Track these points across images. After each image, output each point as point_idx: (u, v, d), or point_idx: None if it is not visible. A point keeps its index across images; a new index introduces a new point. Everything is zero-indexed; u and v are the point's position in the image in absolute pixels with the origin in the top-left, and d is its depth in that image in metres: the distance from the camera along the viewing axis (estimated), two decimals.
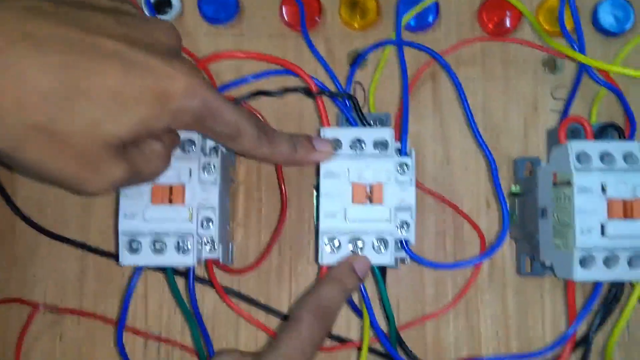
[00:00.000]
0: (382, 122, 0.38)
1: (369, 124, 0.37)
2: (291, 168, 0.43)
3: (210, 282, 0.40)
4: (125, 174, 0.28)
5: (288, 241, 0.42)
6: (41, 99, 0.24)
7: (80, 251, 0.42)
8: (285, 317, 0.41)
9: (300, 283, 0.42)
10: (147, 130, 0.27)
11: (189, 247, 0.33)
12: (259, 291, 0.42)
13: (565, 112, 0.39)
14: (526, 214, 0.41)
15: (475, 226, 0.42)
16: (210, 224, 0.34)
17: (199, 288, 0.41)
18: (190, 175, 0.33)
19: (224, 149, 0.35)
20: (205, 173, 0.34)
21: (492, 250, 0.35)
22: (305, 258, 0.42)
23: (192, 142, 0.34)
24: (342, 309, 0.41)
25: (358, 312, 0.38)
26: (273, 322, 0.41)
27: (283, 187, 0.40)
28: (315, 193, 0.41)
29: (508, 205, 0.41)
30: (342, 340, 0.40)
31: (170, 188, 0.33)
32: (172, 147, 0.32)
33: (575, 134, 0.38)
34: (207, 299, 0.42)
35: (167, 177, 0.33)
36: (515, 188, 0.42)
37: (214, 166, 0.34)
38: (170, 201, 0.33)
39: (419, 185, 0.42)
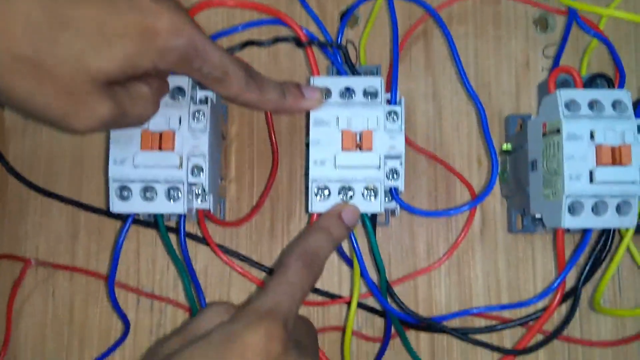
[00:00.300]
0: (372, 74, 0.38)
1: (359, 74, 0.37)
2: (283, 125, 0.43)
3: (202, 239, 0.40)
4: (112, 112, 0.28)
5: (280, 200, 0.43)
6: (26, 30, 0.24)
7: (72, 208, 0.42)
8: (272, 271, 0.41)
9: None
10: (133, 68, 0.27)
11: (180, 194, 0.33)
12: (252, 249, 0.42)
13: (555, 63, 0.39)
14: (517, 170, 0.41)
15: (467, 184, 0.42)
16: (200, 172, 0.34)
17: (191, 245, 0.41)
18: (180, 122, 0.33)
19: (214, 99, 0.35)
20: (195, 121, 0.34)
21: (482, 197, 0.35)
22: (297, 216, 0.42)
23: (181, 90, 0.34)
24: (334, 264, 0.42)
25: (348, 262, 0.38)
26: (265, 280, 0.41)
27: (274, 141, 0.40)
28: (306, 150, 0.42)
29: (499, 163, 0.42)
30: (332, 296, 0.41)
31: (160, 134, 0.33)
32: (159, 92, 0.32)
33: (565, 86, 0.38)
34: (199, 256, 0.42)
35: (157, 124, 0.33)
36: (506, 146, 0.42)
37: (204, 114, 0.34)
38: (160, 147, 0.33)
39: (410, 144, 0.43)
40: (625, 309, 0.34)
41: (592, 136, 0.33)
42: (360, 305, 0.40)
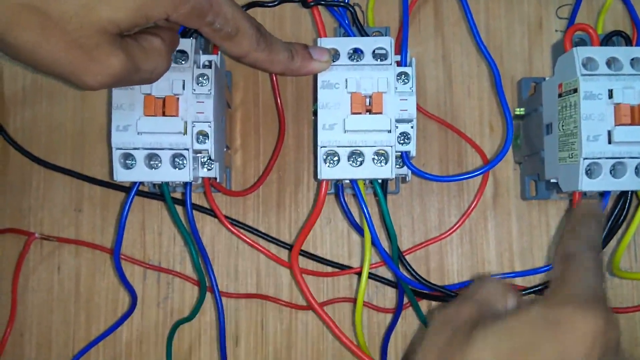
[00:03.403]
0: (381, 35, 0.37)
1: (368, 35, 0.35)
2: (289, 91, 0.42)
3: (209, 210, 0.39)
4: (124, 65, 0.26)
5: (287, 169, 0.42)
6: None
7: (75, 180, 0.41)
8: (289, 246, 0.40)
9: (300, 212, 0.41)
10: (145, 18, 0.26)
11: (185, 162, 0.32)
12: (259, 220, 0.41)
13: (571, 22, 0.38)
14: (531, 135, 0.39)
15: (478, 149, 0.41)
16: (206, 138, 0.33)
17: (197, 216, 0.40)
18: (184, 87, 0.32)
19: (218, 63, 0.34)
20: (199, 85, 0.33)
21: (495, 162, 0.34)
22: (305, 186, 0.41)
23: (184, 54, 0.33)
24: (344, 234, 0.41)
25: (359, 230, 0.37)
26: (274, 252, 0.40)
27: (281, 108, 0.39)
28: (314, 117, 0.40)
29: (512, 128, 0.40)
30: (342, 267, 0.40)
31: (164, 99, 0.32)
32: (172, 46, 0.30)
33: (581, 46, 0.37)
34: (206, 227, 0.41)
35: (160, 89, 0.32)
36: (519, 110, 0.41)
37: (208, 79, 0.33)
38: (164, 113, 0.32)
39: (420, 109, 0.41)
40: None
41: (610, 95, 0.32)
42: (371, 276, 0.39)
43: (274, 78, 0.39)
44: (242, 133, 0.42)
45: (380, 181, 0.34)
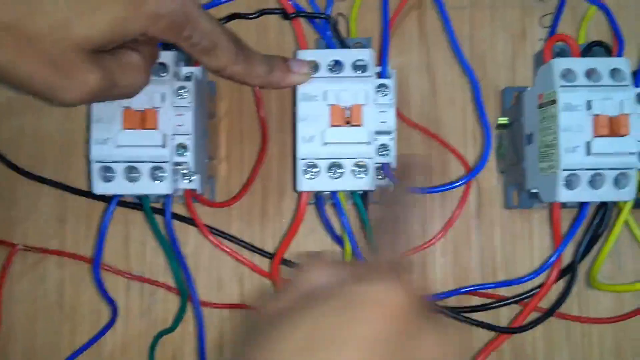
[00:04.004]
0: (363, 47, 0.37)
1: (348, 47, 0.35)
2: (273, 101, 0.42)
3: (192, 220, 0.39)
4: (100, 82, 0.26)
5: (272, 179, 0.42)
6: None
7: (60, 191, 0.41)
8: (270, 255, 0.40)
9: (284, 222, 0.41)
10: (121, 34, 0.26)
11: (164, 174, 0.33)
12: (244, 230, 0.41)
13: (552, 32, 0.38)
14: (514, 144, 0.40)
15: (462, 159, 0.41)
16: (186, 151, 0.33)
17: (182, 227, 0.40)
18: (163, 100, 0.32)
19: (198, 75, 0.34)
20: (179, 98, 0.33)
21: (475, 171, 0.34)
22: (289, 196, 0.42)
23: (164, 67, 0.33)
24: (327, 245, 0.41)
25: (339, 242, 0.37)
26: (257, 262, 0.40)
27: (263, 119, 0.40)
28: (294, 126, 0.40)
29: (496, 137, 0.41)
30: None
31: (143, 112, 0.32)
32: (151, 60, 0.30)
33: (562, 55, 0.37)
34: (190, 238, 0.41)
35: (139, 102, 0.32)
36: (502, 120, 0.41)
37: (188, 91, 0.33)
38: (143, 126, 0.32)
39: (404, 119, 0.41)
40: (622, 284, 0.33)
41: (589, 106, 0.32)
42: None
43: (256, 89, 0.40)
44: (227, 143, 0.42)
45: (361, 193, 0.34)
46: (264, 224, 0.41)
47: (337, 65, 0.33)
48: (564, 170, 0.32)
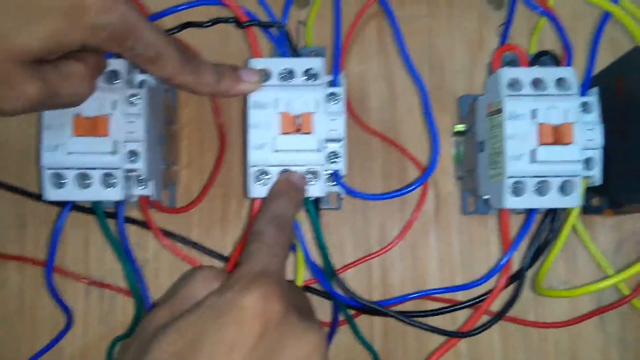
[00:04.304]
0: (318, 55, 0.38)
1: (301, 56, 0.36)
2: (233, 107, 0.42)
3: (145, 224, 0.39)
4: (40, 92, 0.27)
5: (232, 185, 0.42)
6: None
7: (19, 197, 0.41)
8: (226, 259, 0.41)
9: (245, 227, 0.42)
10: (59, 45, 0.26)
11: (116, 181, 0.33)
12: (204, 236, 0.41)
13: (503, 42, 0.38)
14: (469, 151, 0.40)
15: (420, 166, 0.42)
16: (138, 158, 0.33)
17: (141, 233, 0.41)
18: (115, 107, 0.33)
19: (152, 83, 0.35)
20: (131, 105, 0.33)
21: (427, 175, 0.34)
22: (249, 201, 0.42)
23: (116, 74, 0.33)
24: None
25: (292, 247, 0.37)
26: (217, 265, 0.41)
27: (221, 125, 0.40)
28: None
29: (454, 144, 0.41)
30: None
31: (93, 119, 0.32)
32: (96, 71, 0.31)
33: (514, 64, 0.38)
34: (150, 243, 0.41)
35: (91, 109, 0.32)
36: (459, 127, 0.42)
37: (140, 98, 0.33)
38: (94, 133, 0.32)
39: (363, 126, 0.42)
40: (565, 290, 0.34)
41: (534, 115, 0.33)
42: (311, 290, 0.40)
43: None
44: (188, 150, 0.42)
45: (312, 199, 0.34)
46: (225, 229, 0.42)
47: (288, 73, 0.34)
48: (510, 177, 0.33)
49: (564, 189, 0.33)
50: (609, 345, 0.40)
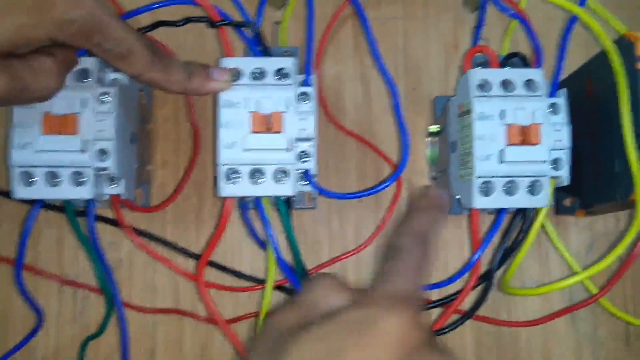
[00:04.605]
0: (290, 55, 0.38)
1: (273, 56, 0.36)
2: (209, 106, 0.42)
3: (115, 222, 0.39)
4: (6, 86, 0.27)
5: (207, 184, 0.42)
6: None
7: None
8: (197, 257, 0.41)
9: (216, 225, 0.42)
10: (26, 39, 0.26)
11: (85, 180, 0.33)
12: (179, 235, 0.41)
13: (474, 43, 0.39)
14: (442, 152, 0.40)
15: (394, 166, 0.42)
16: (107, 156, 0.33)
17: (114, 232, 0.41)
18: (85, 105, 0.33)
19: (124, 81, 0.35)
20: (101, 104, 0.33)
21: (396, 174, 0.34)
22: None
23: (87, 72, 0.33)
24: (251, 250, 0.41)
25: (264, 246, 0.38)
26: (192, 266, 0.41)
27: (195, 124, 0.40)
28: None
29: (429, 144, 0.42)
30: (260, 281, 0.40)
31: (63, 118, 0.32)
32: (66, 66, 0.31)
33: (487, 66, 0.38)
34: (124, 242, 0.41)
35: (60, 107, 0.32)
36: (434, 128, 0.42)
37: (111, 97, 0.33)
38: (63, 131, 0.32)
39: (339, 126, 0.42)
40: (530, 288, 0.34)
41: (502, 116, 0.33)
42: (282, 289, 0.40)
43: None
44: (163, 149, 0.42)
45: (284, 199, 0.35)
46: (200, 229, 0.42)
47: (259, 73, 0.34)
48: (479, 177, 0.33)
49: (532, 189, 0.33)
50: (581, 344, 0.41)
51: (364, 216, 0.42)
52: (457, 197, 0.37)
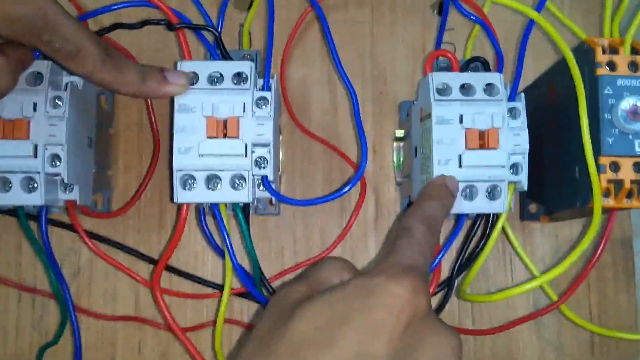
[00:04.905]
0: (251, 60, 0.37)
1: (232, 60, 0.36)
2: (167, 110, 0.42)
3: (86, 231, 0.39)
4: None
5: (168, 190, 0.41)
6: None
7: None
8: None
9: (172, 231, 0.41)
10: None
11: (37, 185, 0.32)
12: (140, 241, 0.41)
13: (438, 47, 0.38)
14: (406, 157, 0.40)
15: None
16: (59, 161, 0.32)
17: (74, 238, 0.40)
18: (36, 109, 0.32)
19: (79, 85, 0.34)
20: (53, 108, 0.32)
21: (355, 180, 0.34)
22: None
23: (39, 75, 0.33)
24: (213, 256, 0.41)
25: (220, 253, 0.37)
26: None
27: (155, 128, 0.39)
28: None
29: (394, 150, 0.41)
30: (219, 287, 0.40)
31: (12, 122, 0.32)
32: (18, 64, 0.30)
33: (450, 70, 0.37)
34: (83, 249, 0.40)
35: (11, 112, 0.32)
36: (399, 132, 0.42)
37: (63, 100, 0.32)
38: (13, 136, 0.31)
39: (305, 132, 0.42)
40: (485, 295, 0.34)
41: (461, 120, 0.33)
42: (245, 295, 0.39)
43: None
44: (125, 154, 0.42)
45: (241, 205, 0.34)
46: (162, 234, 0.41)
47: (217, 76, 0.33)
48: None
49: (491, 194, 0.33)
50: (545, 351, 0.40)
51: (329, 221, 0.42)
52: None
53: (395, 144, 0.42)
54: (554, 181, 0.36)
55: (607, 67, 0.32)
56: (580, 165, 0.32)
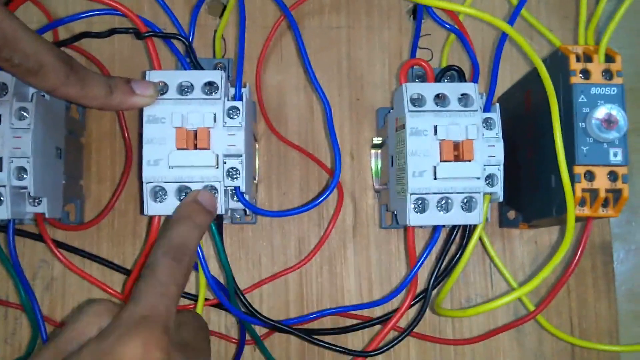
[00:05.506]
0: (223, 68, 0.37)
1: (202, 69, 0.35)
2: (137, 119, 0.41)
3: (61, 243, 0.38)
4: None
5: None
6: None
7: None
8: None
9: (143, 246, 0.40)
10: None
11: (3, 198, 0.31)
12: (114, 252, 0.40)
13: (412, 54, 0.38)
14: (384, 165, 0.40)
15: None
16: (25, 174, 0.32)
17: (46, 250, 0.39)
18: (0, 121, 0.31)
19: (47, 95, 0.33)
20: (18, 119, 0.32)
21: (330, 189, 0.33)
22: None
23: (4, 86, 0.32)
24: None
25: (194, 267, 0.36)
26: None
27: (127, 138, 0.39)
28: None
29: (372, 158, 0.41)
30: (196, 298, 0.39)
31: None
32: None
33: (425, 79, 0.37)
34: (55, 262, 0.40)
35: None
36: (377, 140, 0.41)
37: (29, 112, 0.32)
38: None
39: (281, 139, 0.41)
40: (459, 310, 0.33)
41: (436, 131, 0.32)
42: (220, 306, 0.39)
43: None
44: (98, 164, 0.41)
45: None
46: (137, 244, 0.41)
47: (187, 86, 0.33)
48: (412, 194, 0.32)
49: (466, 205, 0.33)
50: (526, 359, 0.40)
51: (306, 229, 0.41)
52: (395, 212, 0.36)
53: (373, 151, 0.42)
54: (531, 189, 0.36)
55: (581, 75, 0.31)
56: (555, 174, 0.32)
